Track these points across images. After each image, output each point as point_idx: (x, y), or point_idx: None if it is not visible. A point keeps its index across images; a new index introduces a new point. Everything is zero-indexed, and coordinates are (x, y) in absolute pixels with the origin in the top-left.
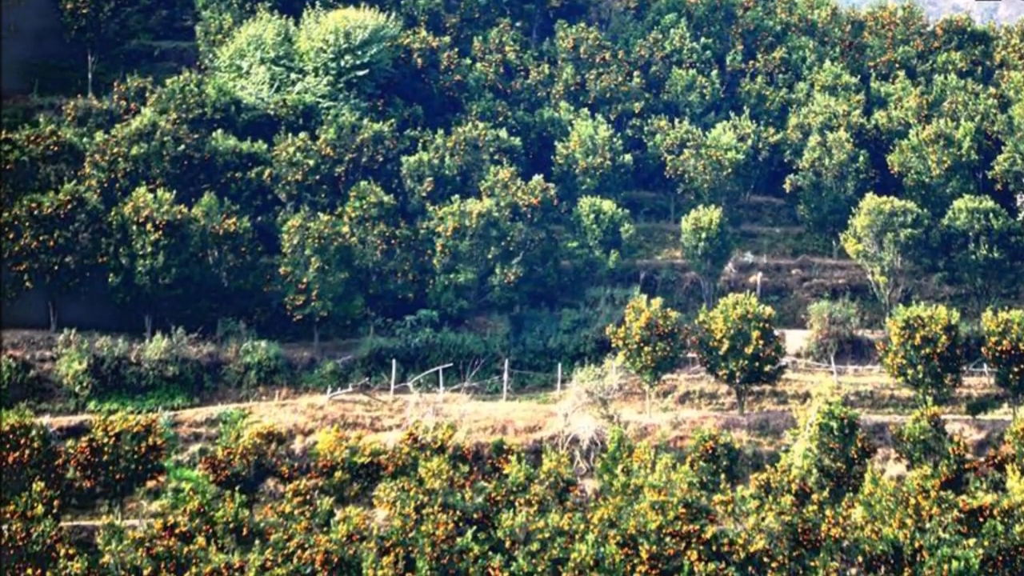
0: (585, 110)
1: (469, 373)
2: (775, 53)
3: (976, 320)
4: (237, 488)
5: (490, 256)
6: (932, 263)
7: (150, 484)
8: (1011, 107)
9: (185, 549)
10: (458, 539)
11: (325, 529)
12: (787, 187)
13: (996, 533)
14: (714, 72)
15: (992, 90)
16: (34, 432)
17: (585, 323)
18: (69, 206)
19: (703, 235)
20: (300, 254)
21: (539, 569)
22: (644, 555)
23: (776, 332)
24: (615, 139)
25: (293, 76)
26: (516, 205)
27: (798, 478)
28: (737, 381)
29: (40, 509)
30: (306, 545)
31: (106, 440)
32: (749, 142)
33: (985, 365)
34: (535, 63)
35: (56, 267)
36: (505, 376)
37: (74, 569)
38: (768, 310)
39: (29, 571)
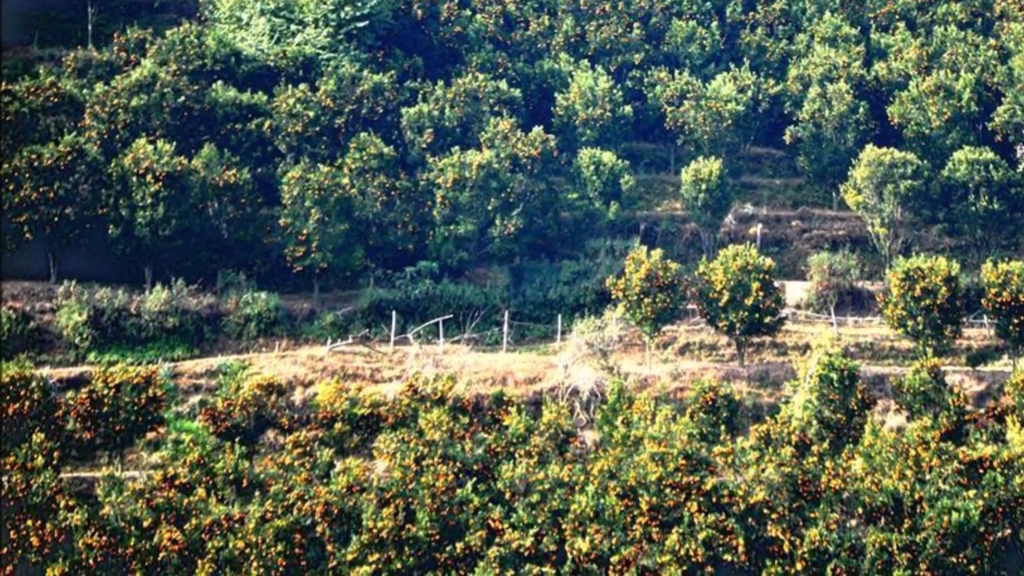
0: (585, 61)
1: (469, 324)
2: (775, 4)
3: (976, 271)
4: (237, 439)
5: (490, 207)
6: (932, 214)
7: (150, 435)
8: (1011, 58)
9: (185, 500)
10: (458, 490)
11: (325, 480)
12: (787, 138)
13: (996, 484)
14: (714, 23)
15: (992, 41)
16: (34, 383)
17: (585, 274)
18: (69, 157)
19: (703, 186)
20: (300, 205)
21: (539, 520)
22: (644, 506)
23: (776, 283)
24: (615, 90)
25: (293, 27)
26: (516, 156)
27: (798, 429)
28: (737, 332)
29: (40, 460)
30: (306, 496)
31: (106, 391)
32: (749, 93)
33: (985, 316)
34: (535, 14)
35: (56, 218)
36: (505, 327)
37: (74, 520)
38: (768, 261)
39: (29, 522)
